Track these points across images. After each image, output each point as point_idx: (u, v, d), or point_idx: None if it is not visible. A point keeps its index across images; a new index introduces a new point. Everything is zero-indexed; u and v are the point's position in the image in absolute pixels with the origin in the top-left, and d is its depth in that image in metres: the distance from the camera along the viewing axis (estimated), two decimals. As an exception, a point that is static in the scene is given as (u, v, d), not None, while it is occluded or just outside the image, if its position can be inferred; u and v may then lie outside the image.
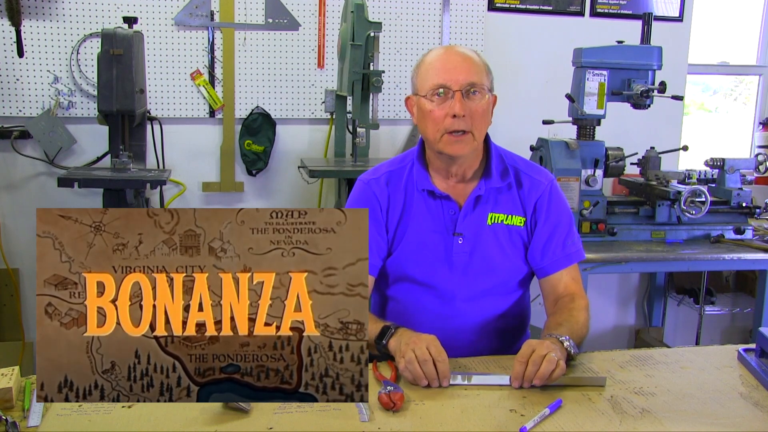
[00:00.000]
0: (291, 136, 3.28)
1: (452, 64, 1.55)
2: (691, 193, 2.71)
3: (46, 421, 1.18)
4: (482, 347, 1.63)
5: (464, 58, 1.57)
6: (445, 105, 1.55)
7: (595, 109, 2.77)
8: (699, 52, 3.77)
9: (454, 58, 1.56)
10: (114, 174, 2.57)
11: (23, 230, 3.08)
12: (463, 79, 1.54)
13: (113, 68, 2.51)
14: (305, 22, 3.18)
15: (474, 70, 1.56)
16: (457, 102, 1.53)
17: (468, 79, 1.54)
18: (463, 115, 1.53)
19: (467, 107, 1.54)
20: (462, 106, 1.53)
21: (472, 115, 1.54)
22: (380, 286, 1.75)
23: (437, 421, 1.22)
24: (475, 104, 1.55)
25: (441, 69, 1.55)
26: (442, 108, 1.55)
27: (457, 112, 1.53)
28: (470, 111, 1.54)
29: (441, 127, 1.55)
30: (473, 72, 1.55)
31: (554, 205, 1.66)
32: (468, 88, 1.54)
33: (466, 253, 1.62)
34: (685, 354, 1.57)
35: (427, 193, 1.64)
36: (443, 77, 1.54)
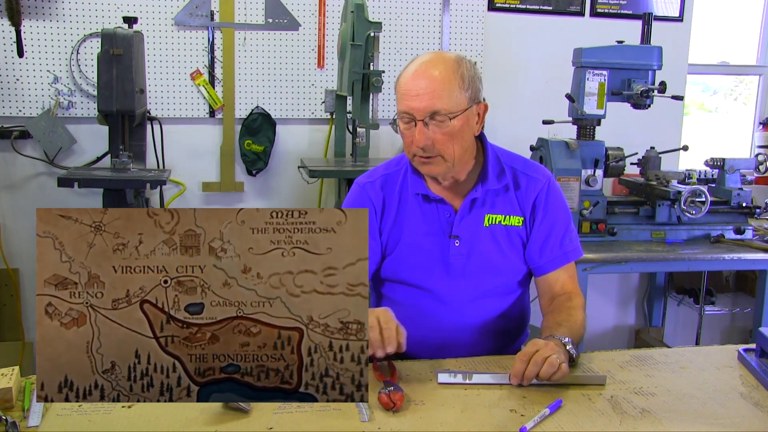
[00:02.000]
0: (291, 136, 3.28)
1: (416, 90, 1.50)
2: (691, 193, 2.71)
3: (46, 421, 1.18)
4: (482, 348, 1.63)
5: (430, 82, 1.49)
6: (410, 132, 1.53)
7: (595, 109, 2.77)
8: (699, 52, 3.77)
9: (419, 84, 1.50)
10: (114, 174, 2.57)
11: (23, 230, 3.08)
12: (425, 108, 1.49)
13: (113, 68, 2.51)
14: (305, 22, 3.18)
15: (438, 95, 1.49)
16: (417, 132, 1.51)
17: (430, 107, 1.49)
18: (423, 144, 1.52)
19: (429, 136, 1.51)
20: (423, 137, 1.50)
21: (435, 142, 1.52)
22: (376, 288, 1.75)
23: (437, 421, 1.22)
24: (439, 132, 1.51)
25: (406, 95, 1.52)
26: (409, 133, 1.53)
27: (416, 143, 1.52)
28: (432, 139, 1.51)
29: (411, 149, 1.56)
30: (437, 97, 1.49)
31: (552, 203, 1.66)
32: (430, 117, 1.50)
33: (463, 255, 1.62)
34: (685, 354, 1.57)
35: (421, 197, 1.64)
36: (407, 104, 1.51)
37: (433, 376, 1.39)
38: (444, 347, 1.58)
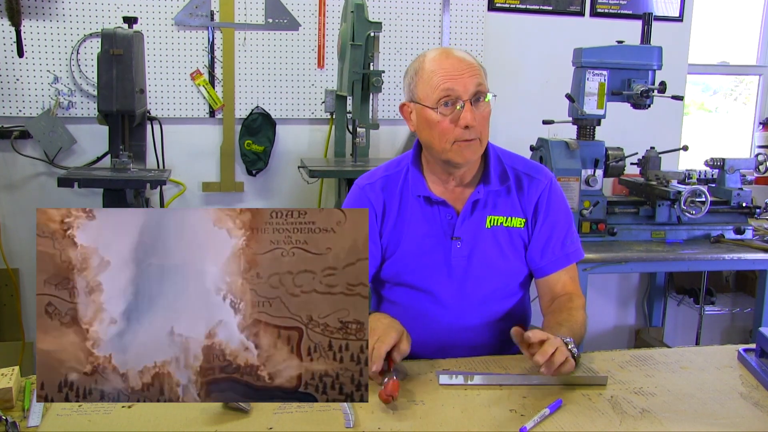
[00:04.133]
0: (291, 136, 3.28)
1: (456, 69, 1.48)
2: (691, 193, 2.71)
3: (46, 421, 1.18)
4: (483, 349, 1.62)
5: (465, 61, 1.50)
6: (455, 115, 1.49)
7: (595, 109, 2.77)
8: (699, 52, 3.77)
9: (456, 63, 1.49)
10: (114, 174, 2.57)
11: (23, 230, 3.08)
12: (470, 85, 1.48)
13: (113, 68, 2.51)
14: (305, 22, 3.18)
15: (477, 72, 1.50)
16: (468, 113, 1.47)
17: (474, 83, 1.48)
18: (475, 125, 1.49)
19: (476, 116, 1.49)
20: (473, 116, 1.48)
21: (480, 122, 1.51)
22: (377, 290, 1.74)
23: (437, 421, 1.21)
24: (482, 110, 1.51)
25: (446, 76, 1.48)
26: (452, 119, 1.49)
27: (470, 124, 1.48)
28: (479, 119, 1.50)
29: (450, 137, 1.51)
30: (477, 75, 1.49)
31: (554, 204, 1.65)
32: (475, 95, 1.50)
33: (465, 257, 1.61)
34: (685, 354, 1.56)
35: (423, 199, 1.62)
36: (450, 84, 1.48)
37: (433, 375, 1.39)
38: (444, 349, 1.57)
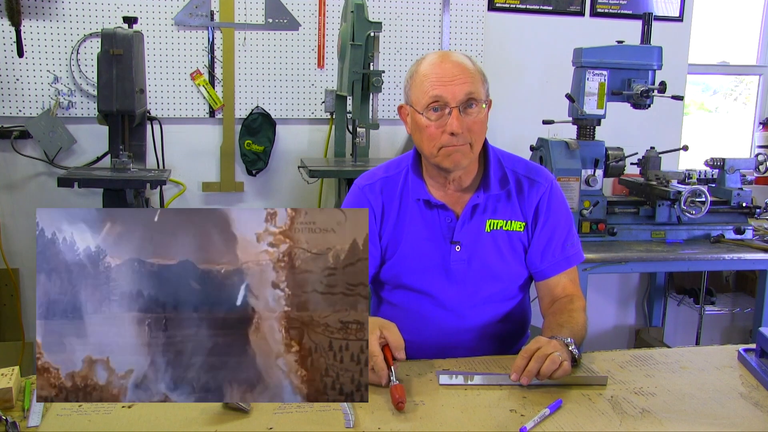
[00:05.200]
0: (291, 136, 3.28)
1: (448, 75, 1.46)
2: (691, 193, 2.71)
3: (46, 421, 1.18)
4: (482, 351, 1.62)
5: (460, 67, 1.48)
6: (442, 121, 1.48)
7: (595, 109, 2.77)
8: (699, 52, 3.77)
9: (449, 69, 1.47)
10: (114, 174, 2.57)
11: (23, 230, 3.08)
12: (460, 93, 1.46)
13: (113, 68, 2.51)
14: (305, 22, 3.18)
15: (470, 80, 1.48)
16: (454, 120, 1.46)
17: (464, 91, 1.46)
18: (461, 132, 1.48)
19: (464, 123, 1.47)
20: (459, 124, 1.46)
21: (469, 129, 1.49)
22: (376, 292, 1.74)
23: (437, 421, 1.21)
24: (472, 118, 1.49)
25: (436, 82, 1.47)
26: (438, 125, 1.48)
27: (455, 131, 1.47)
28: (467, 126, 1.48)
29: (437, 143, 1.50)
30: (469, 82, 1.47)
31: (554, 207, 1.64)
32: (465, 103, 1.48)
33: (464, 260, 1.60)
34: (685, 354, 1.56)
35: (422, 203, 1.61)
36: (439, 91, 1.46)
37: (433, 375, 1.39)
38: (444, 350, 1.57)
